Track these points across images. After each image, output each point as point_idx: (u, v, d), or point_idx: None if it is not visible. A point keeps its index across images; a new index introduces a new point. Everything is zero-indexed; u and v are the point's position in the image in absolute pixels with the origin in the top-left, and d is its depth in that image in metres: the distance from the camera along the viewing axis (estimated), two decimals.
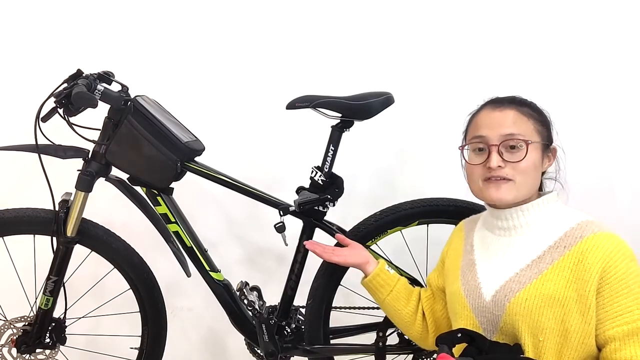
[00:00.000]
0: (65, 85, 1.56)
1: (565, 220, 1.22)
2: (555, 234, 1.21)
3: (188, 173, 1.66)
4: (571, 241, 1.18)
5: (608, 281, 1.13)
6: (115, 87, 1.64)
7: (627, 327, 1.11)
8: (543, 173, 1.31)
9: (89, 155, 1.62)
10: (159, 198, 1.65)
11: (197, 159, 1.68)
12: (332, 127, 1.64)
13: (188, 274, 1.71)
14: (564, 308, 1.14)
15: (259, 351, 1.73)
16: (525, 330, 1.16)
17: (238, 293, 1.71)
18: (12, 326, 1.71)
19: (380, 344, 1.67)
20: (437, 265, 1.50)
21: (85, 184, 1.61)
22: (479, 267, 1.28)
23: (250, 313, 1.69)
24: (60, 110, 1.56)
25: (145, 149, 1.58)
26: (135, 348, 1.81)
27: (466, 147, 1.30)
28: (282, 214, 1.64)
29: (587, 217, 1.24)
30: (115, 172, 1.66)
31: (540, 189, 1.32)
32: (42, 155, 1.59)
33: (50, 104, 1.55)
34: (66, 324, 1.74)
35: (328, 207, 1.66)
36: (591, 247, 1.15)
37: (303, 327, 1.71)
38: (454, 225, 1.62)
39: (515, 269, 1.21)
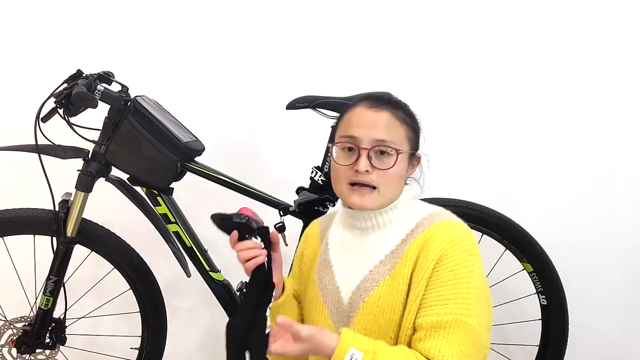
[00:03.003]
0: (65, 85, 1.56)
1: (418, 213, 1.18)
2: (408, 226, 1.16)
3: (188, 173, 1.66)
4: (419, 231, 1.13)
5: (439, 269, 1.07)
6: (115, 87, 1.64)
7: (436, 319, 1.04)
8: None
9: (89, 156, 1.62)
10: (159, 198, 1.65)
11: (197, 159, 1.68)
12: (332, 127, 1.64)
13: (188, 274, 1.71)
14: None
15: None
16: (376, 330, 1.10)
17: (238, 293, 1.71)
18: (12, 326, 1.71)
19: None
20: (293, 269, 1.37)
21: (85, 184, 1.61)
22: (336, 268, 1.20)
23: None
24: (60, 111, 1.56)
25: (145, 149, 1.58)
26: (135, 348, 1.81)
27: (336, 145, 1.21)
28: (282, 214, 1.64)
29: (440, 209, 1.19)
30: (115, 172, 1.66)
31: None
32: (42, 155, 1.59)
33: (50, 104, 1.55)
34: (66, 324, 1.74)
35: (328, 207, 1.66)
36: (433, 235, 1.10)
37: None
38: None
39: (369, 266, 1.15)
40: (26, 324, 1.70)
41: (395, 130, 1.17)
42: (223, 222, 1.18)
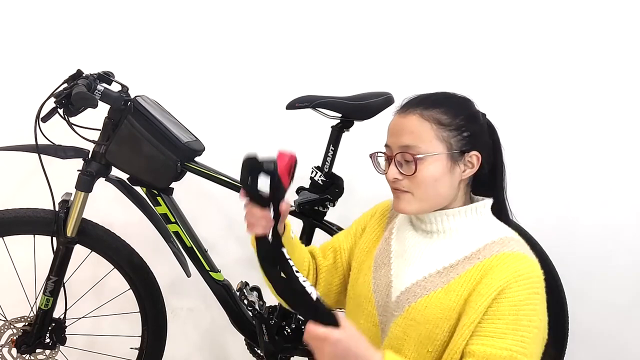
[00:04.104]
0: (65, 85, 1.56)
1: (489, 233, 1.13)
2: (475, 245, 1.12)
3: (188, 173, 1.66)
4: (486, 254, 1.09)
5: (501, 300, 1.03)
6: (115, 87, 1.64)
7: (490, 351, 1.00)
8: (475, 179, 1.18)
9: (89, 156, 1.62)
10: (159, 198, 1.65)
11: (197, 159, 1.68)
12: (332, 127, 1.65)
13: (188, 274, 1.71)
14: (458, 320, 1.06)
15: (259, 351, 1.73)
16: (415, 337, 1.09)
17: (238, 293, 1.71)
18: (12, 326, 1.71)
19: None
20: (352, 227, 1.35)
21: (85, 184, 1.61)
22: (394, 262, 1.18)
23: (250, 313, 1.69)
24: (60, 111, 1.56)
25: (145, 149, 1.58)
26: (135, 348, 1.81)
27: (378, 154, 1.20)
28: None
29: (512, 234, 1.15)
30: (115, 172, 1.66)
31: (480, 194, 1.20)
32: (42, 156, 1.59)
33: (50, 104, 1.55)
34: (66, 324, 1.74)
35: (328, 207, 1.66)
36: (501, 264, 1.06)
37: (303, 327, 1.71)
38: None
39: (425, 272, 1.12)
40: (26, 324, 1.70)
41: (423, 132, 1.11)
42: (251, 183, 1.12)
